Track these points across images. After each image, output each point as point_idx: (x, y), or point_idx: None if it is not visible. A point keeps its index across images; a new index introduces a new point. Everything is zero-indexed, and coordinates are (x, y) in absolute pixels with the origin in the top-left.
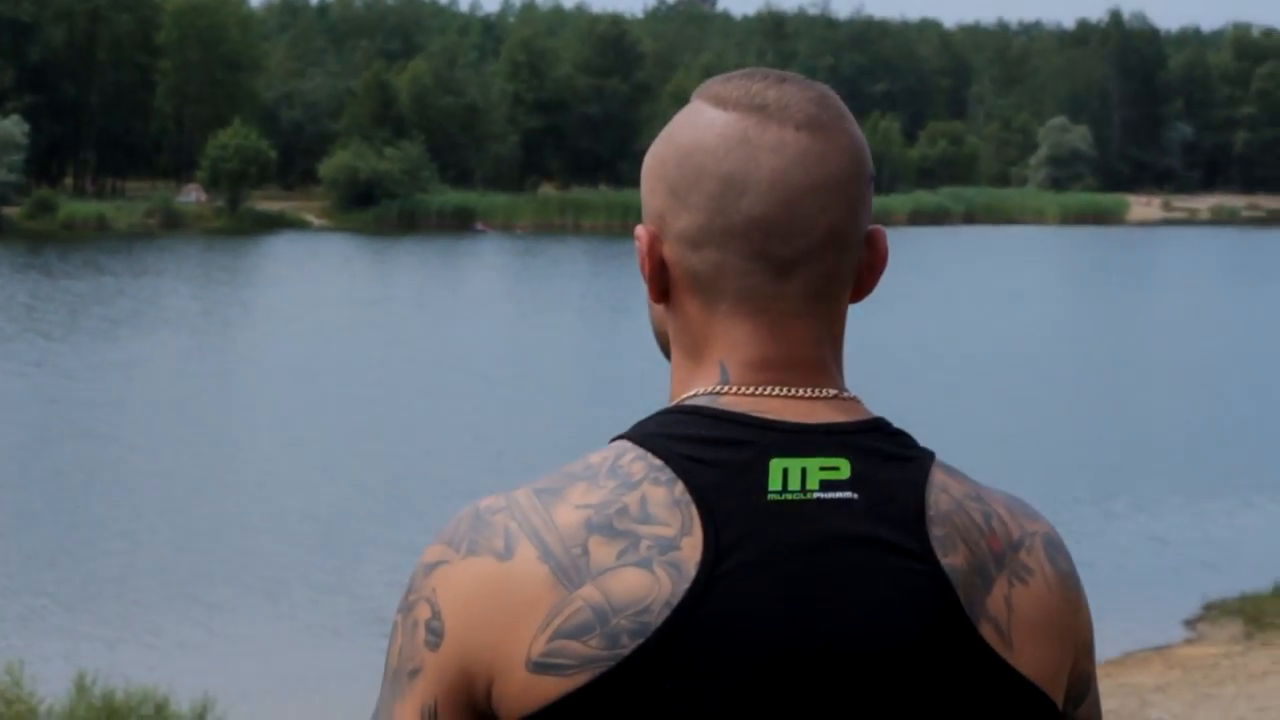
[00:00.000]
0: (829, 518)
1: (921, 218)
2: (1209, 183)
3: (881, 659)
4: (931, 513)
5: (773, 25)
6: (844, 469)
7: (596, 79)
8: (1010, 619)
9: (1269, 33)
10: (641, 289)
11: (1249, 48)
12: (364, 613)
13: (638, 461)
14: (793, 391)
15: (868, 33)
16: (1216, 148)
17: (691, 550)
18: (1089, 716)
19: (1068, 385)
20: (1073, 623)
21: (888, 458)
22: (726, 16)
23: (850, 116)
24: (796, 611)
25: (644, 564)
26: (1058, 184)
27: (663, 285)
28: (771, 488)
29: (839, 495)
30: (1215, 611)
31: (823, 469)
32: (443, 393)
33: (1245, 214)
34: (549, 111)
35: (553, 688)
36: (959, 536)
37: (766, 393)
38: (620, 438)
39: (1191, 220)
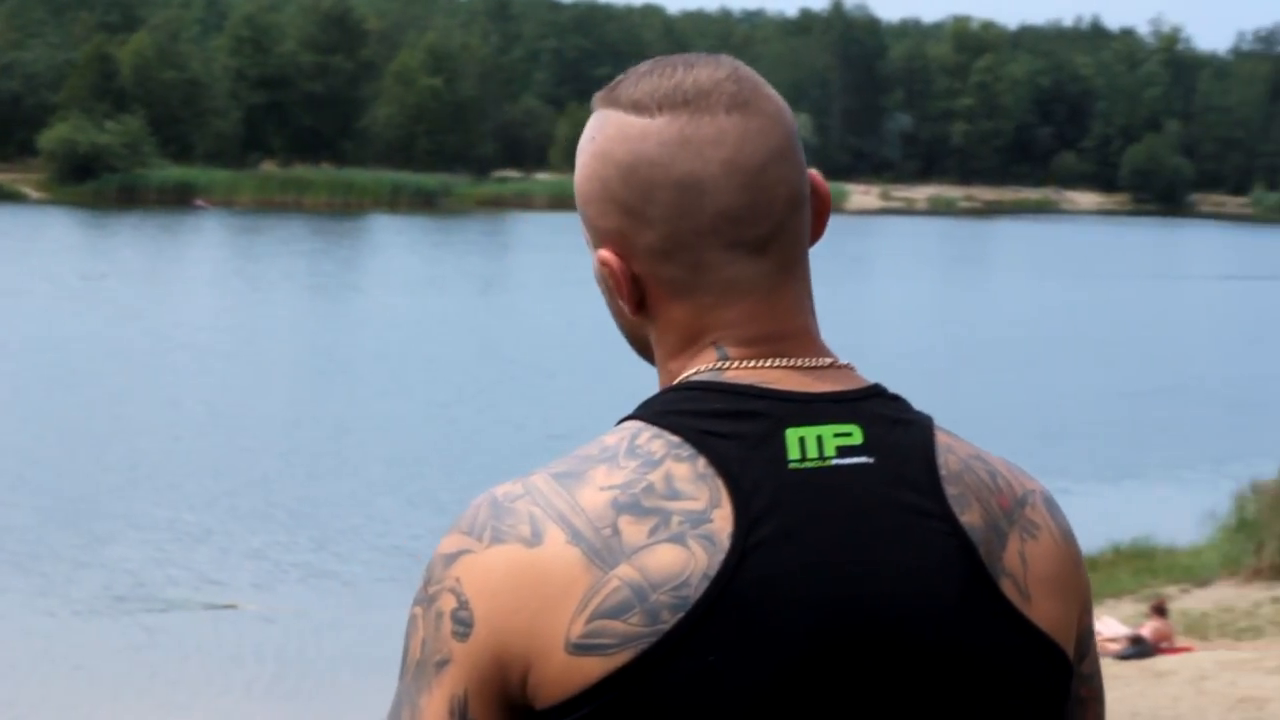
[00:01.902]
0: (850, 483)
1: None
2: (927, 173)
3: (919, 619)
4: (944, 473)
5: (497, 7)
6: (856, 435)
7: (320, 56)
8: (1026, 574)
9: (988, 26)
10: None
11: (968, 40)
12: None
13: (656, 440)
14: (793, 362)
15: (592, 17)
16: (935, 138)
17: (723, 522)
18: (1091, 672)
19: None
20: (1077, 577)
21: (894, 422)
22: None
23: (761, 79)
24: (833, 576)
25: (677, 539)
26: None
27: (638, 299)
28: (791, 456)
29: (856, 461)
30: None
31: (837, 435)
32: (165, 369)
33: (962, 204)
34: (272, 88)
35: (594, 668)
36: (972, 495)
37: (768, 365)
38: (628, 419)
39: (909, 210)
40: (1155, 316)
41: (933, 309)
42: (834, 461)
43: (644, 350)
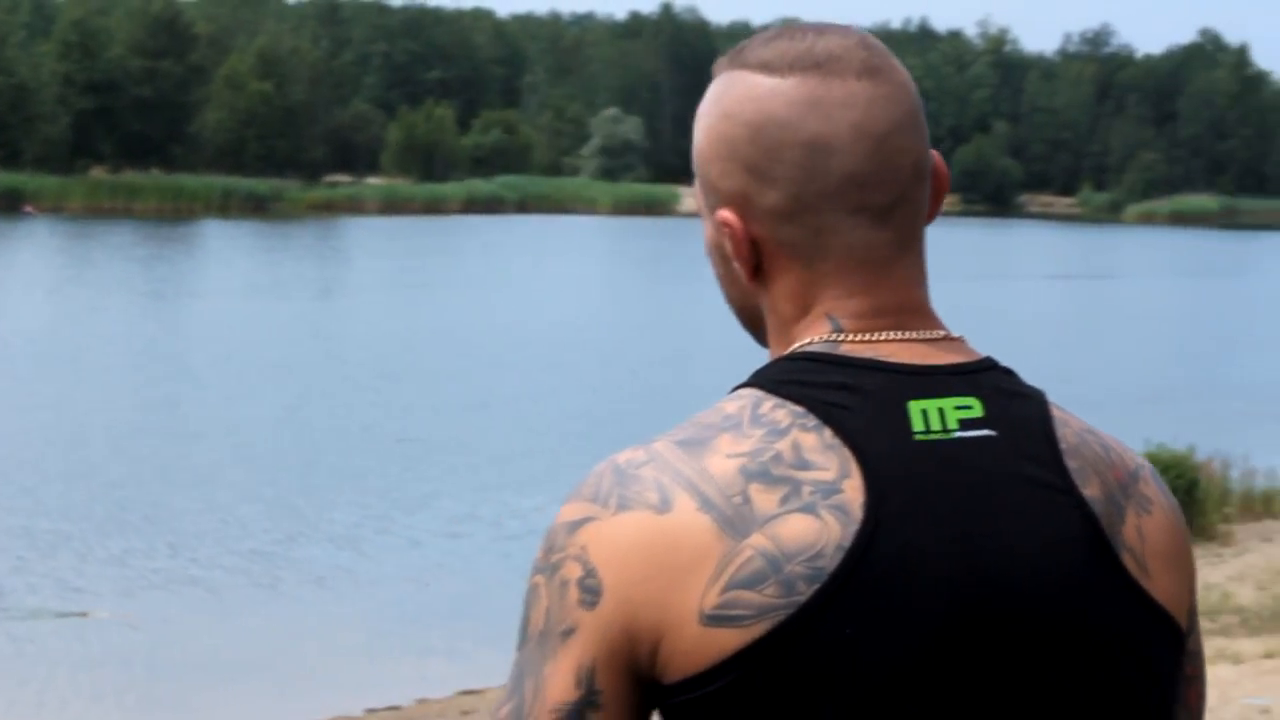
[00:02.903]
0: (974, 456)
1: (476, 206)
2: None
3: (1049, 593)
4: (1063, 446)
5: (327, 11)
6: (977, 408)
7: (149, 61)
8: (1144, 549)
9: None
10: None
11: None
12: None
13: (779, 409)
14: (908, 334)
15: (421, 20)
16: None
17: (854, 493)
18: (1196, 649)
19: (608, 375)
20: (1187, 552)
21: (1011, 395)
22: (280, 0)
23: (889, 51)
24: (965, 549)
25: (809, 509)
26: (610, 174)
27: (755, 263)
28: (915, 428)
29: (979, 434)
30: None
31: (958, 408)
32: (5, 376)
33: None
34: (100, 93)
35: (730, 640)
36: (1091, 469)
37: (884, 338)
38: (743, 386)
39: None
40: (986, 316)
41: None
42: (957, 434)
43: (752, 323)
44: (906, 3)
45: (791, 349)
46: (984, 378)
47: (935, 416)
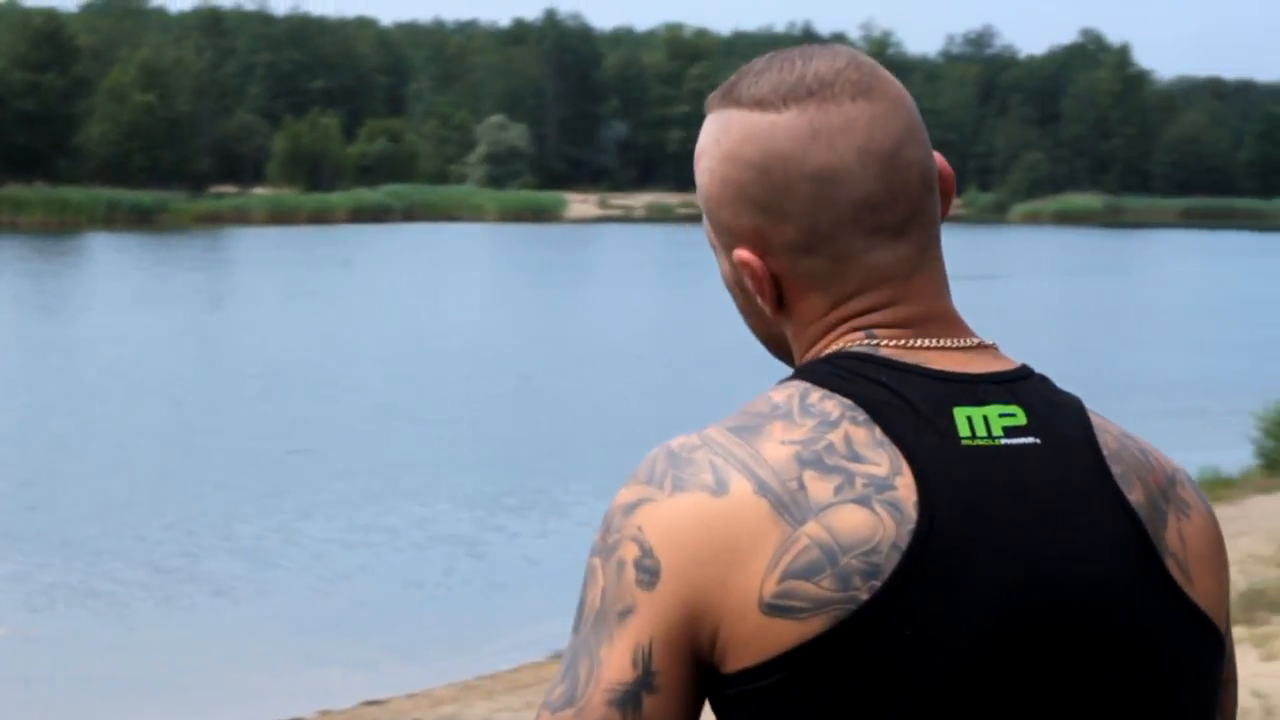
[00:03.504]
0: (1022, 464)
1: (363, 215)
2: (644, 180)
3: (1099, 599)
4: (1105, 452)
5: (211, 21)
6: (1020, 415)
7: (31, 74)
8: (1185, 553)
9: (701, 33)
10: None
11: (682, 48)
12: None
13: (828, 400)
14: (943, 343)
15: (305, 29)
16: (651, 146)
17: (907, 491)
18: (1231, 652)
19: (501, 383)
20: (1224, 556)
21: (1052, 402)
22: (162, 11)
23: (878, 65)
24: (1018, 554)
25: (863, 501)
26: (496, 181)
27: (777, 296)
28: (962, 434)
29: (1024, 441)
30: None
31: (1002, 416)
32: None
33: (679, 210)
34: None
35: (789, 633)
36: (1133, 474)
37: (920, 345)
38: (790, 379)
39: (627, 217)
40: None
41: (659, 315)
42: (1003, 441)
43: (779, 348)
44: (790, 7)
45: (830, 350)
46: (1022, 386)
47: (980, 424)
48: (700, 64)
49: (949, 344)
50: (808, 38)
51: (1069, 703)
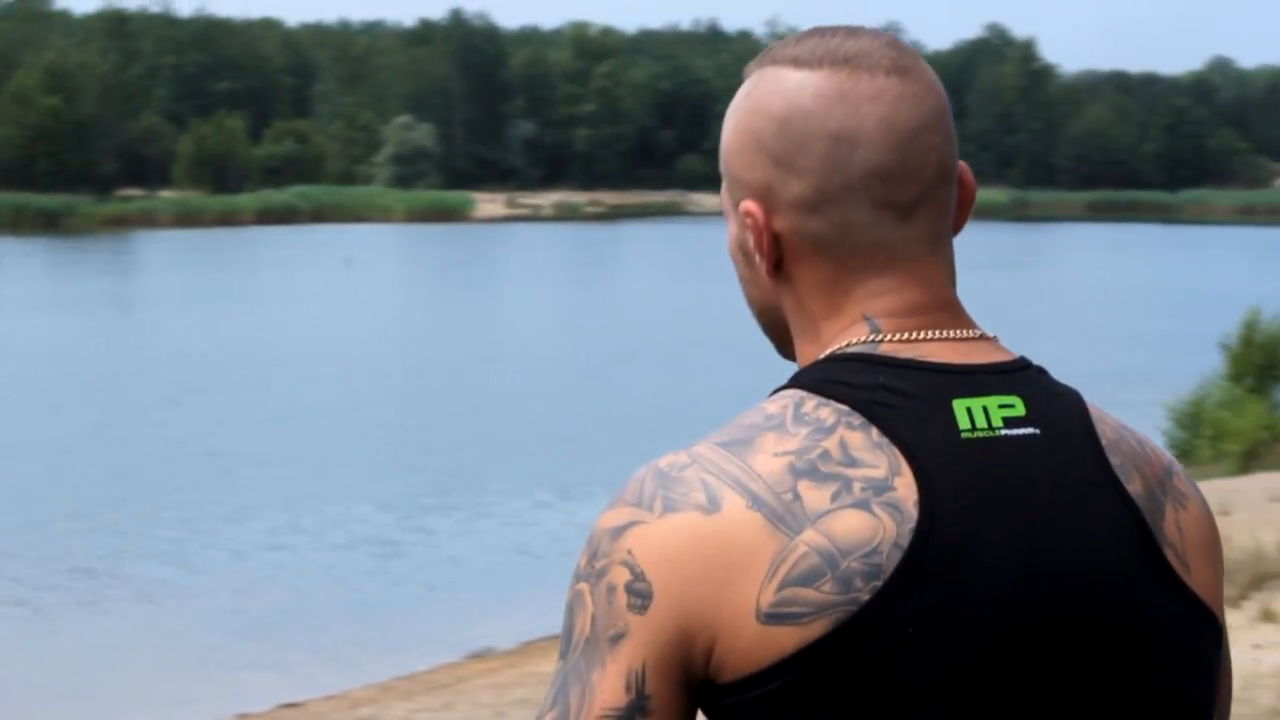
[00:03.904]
0: (1021, 454)
1: (270, 216)
2: (552, 179)
3: (1102, 590)
4: (1104, 443)
5: (115, 23)
6: (1019, 406)
7: None
8: (1184, 544)
9: (608, 31)
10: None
11: (588, 46)
12: None
13: (823, 408)
14: (946, 334)
15: (210, 31)
16: (558, 144)
17: (907, 490)
18: (1226, 643)
19: (415, 384)
20: (1219, 548)
21: (1050, 393)
22: (67, 15)
23: (918, 54)
24: (1020, 547)
25: (861, 505)
26: (403, 182)
27: (776, 258)
28: (962, 426)
29: (1024, 432)
30: None
31: (1001, 407)
32: None
33: (587, 209)
34: None
35: (789, 639)
36: (1131, 464)
37: (923, 337)
38: (785, 388)
39: (535, 216)
40: None
41: (568, 314)
42: (1003, 432)
43: (773, 326)
44: (696, 4)
45: (829, 351)
46: (1021, 376)
47: (980, 415)
48: (606, 62)
49: (951, 335)
50: (713, 35)
51: (1074, 694)
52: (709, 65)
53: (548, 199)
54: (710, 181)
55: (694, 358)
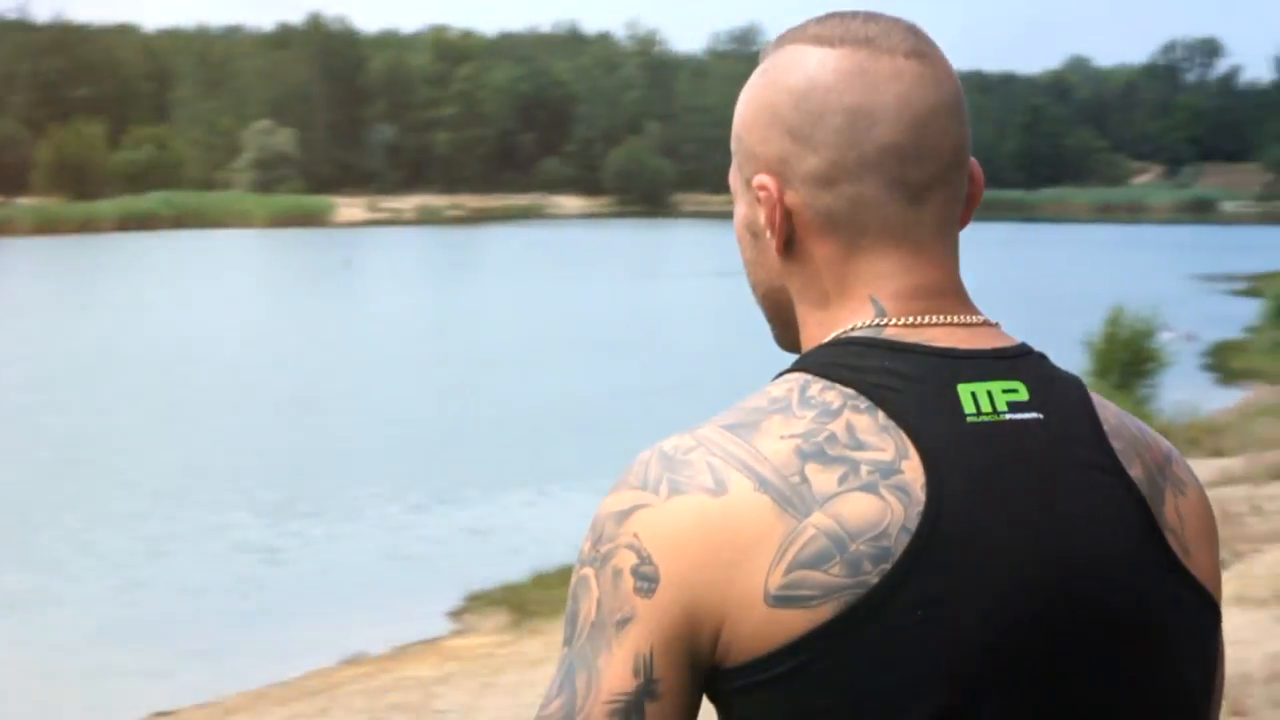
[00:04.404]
0: (1026, 438)
1: (130, 223)
2: (413, 183)
3: (1107, 573)
4: (1106, 428)
5: None
6: (1022, 391)
7: None
8: (1183, 528)
9: (467, 34)
10: None
11: (448, 49)
12: None
13: (829, 391)
14: (950, 319)
15: (67, 37)
16: (419, 148)
17: (914, 474)
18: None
19: (282, 390)
20: (1216, 534)
21: (1052, 379)
22: None
23: (935, 42)
24: (1028, 530)
25: (869, 488)
26: (264, 187)
27: (787, 234)
28: (967, 410)
29: (1028, 416)
30: (479, 602)
31: (1005, 391)
32: None
33: (448, 213)
34: None
35: (798, 621)
36: (1133, 450)
37: (928, 321)
38: (789, 371)
39: (397, 220)
40: (648, 315)
41: (433, 318)
42: (1007, 417)
43: (777, 309)
44: (555, 6)
45: (834, 334)
46: (1023, 362)
47: (985, 399)
48: (467, 65)
49: (955, 320)
50: (574, 37)
51: (1081, 675)
52: (569, 67)
53: (409, 203)
54: (571, 184)
55: (561, 360)
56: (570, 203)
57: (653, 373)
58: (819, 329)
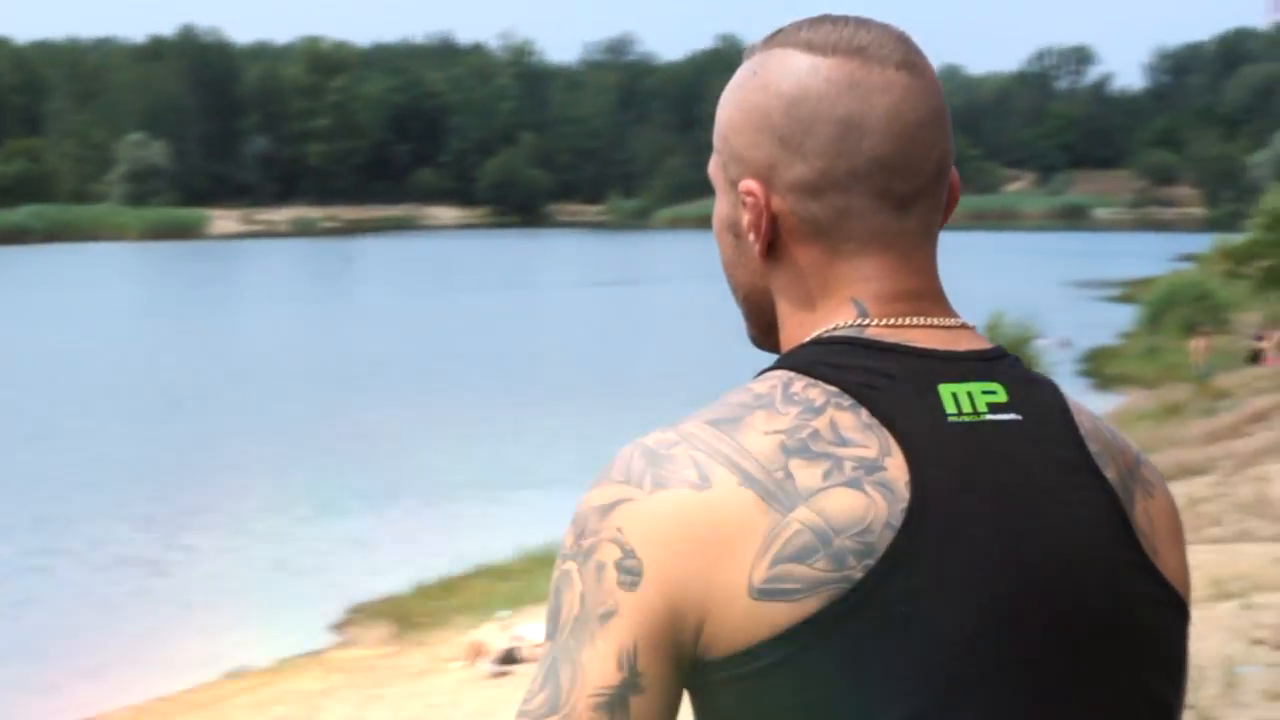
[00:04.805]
0: (1006, 439)
1: (2, 237)
2: (287, 195)
3: (1086, 573)
4: (1082, 431)
5: None
6: (1001, 392)
7: None
8: (1153, 530)
9: (341, 45)
10: None
11: (321, 61)
12: None
13: (812, 388)
14: (931, 321)
15: None
16: (293, 160)
17: (898, 471)
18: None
19: (161, 403)
20: (1183, 535)
21: (1028, 382)
22: None
23: (923, 51)
24: (1009, 528)
25: (853, 484)
26: (138, 199)
27: (769, 240)
28: (948, 410)
29: (1007, 417)
30: (362, 614)
31: (984, 393)
32: None
33: (323, 224)
34: None
35: (782, 615)
36: (1106, 452)
37: (909, 323)
38: (773, 369)
39: (271, 232)
40: (524, 327)
41: (307, 330)
42: (987, 417)
43: (757, 310)
44: (429, 17)
45: (816, 334)
46: (1000, 364)
47: (965, 400)
48: (340, 76)
49: (935, 322)
50: (447, 49)
51: (1060, 673)
52: (443, 78)
53: (283, 215)
54: (445, 195)
55: (439, 371)
56: (445, 213)
57: (529, 384)
58: (799, 329)
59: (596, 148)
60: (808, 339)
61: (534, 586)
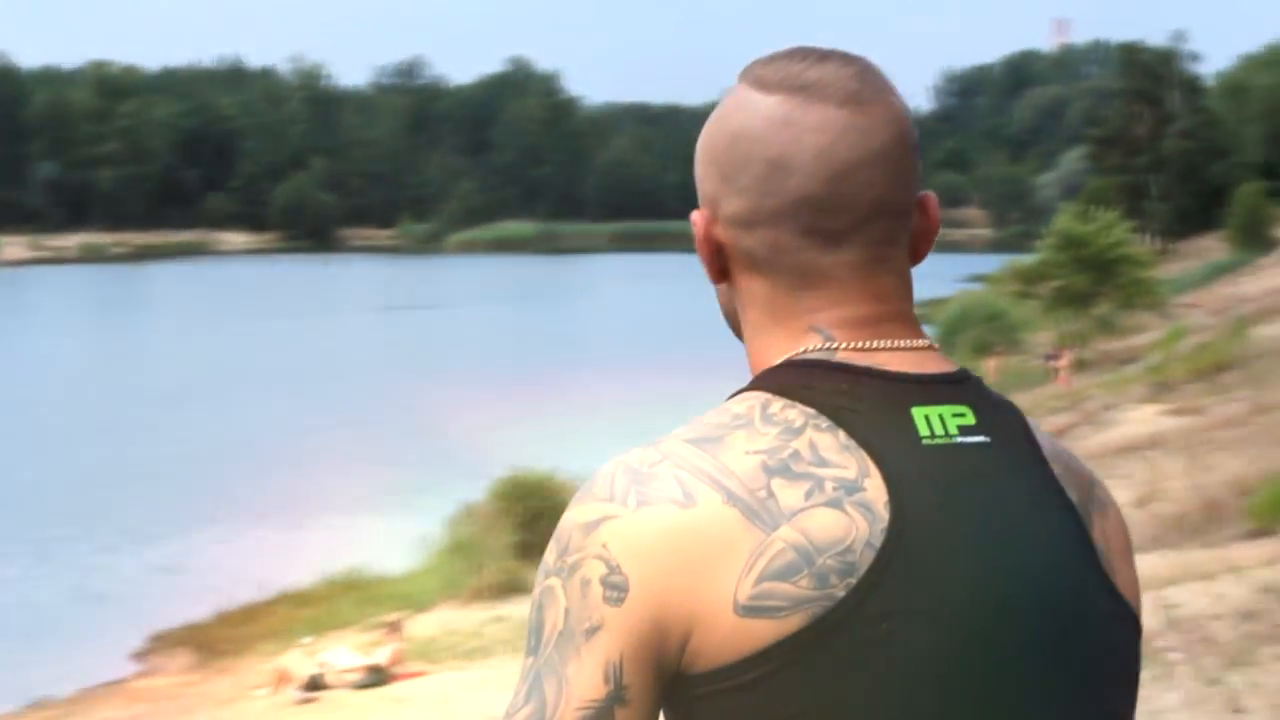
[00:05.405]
0: (977, 461)
1: None
2: (76, 220)
3: (1057, 591)
4: (1045, 453)
5: None
6: (969, 415)
7: None
8: (1109, 548)
9: (130, 70)
10: None
11: (110, 85)
12: None
13: (790, 409)
14: (897, 343)
15: None
16: (82, 185)
17: (877, 492)
18: None
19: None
20: (1132, 551)
21: (994, 404)
22: None
23: (893, 88)
24: (985, 547)
25: (834, 504)
26: None
27: (721, 265)
28: (921, 433)
29: (977, 439)
30: (164, 643)
31: (954, 415)
32: None
33: (113, 250)
34: None
35: (766, 632)
36: (1068, 473)
37: (877, 346)
38: (747, 390)
39: (60, 259)
40: (318, 352)
41: (99, 357)
42: (959, 439)
43: (734, 326)
44: (218, 41)
45: (787, 356)
46: (966, 387)
47: (937, 422)
48: (129, 101)
49: (902, 345)
50: (237, 73)
51: (1033, 689)
52: (233, 102)
53: (72, 241)
54: (236, 219)
55: (234, 398)
56: (236, 239)
57: (326, 409)
58: (765, 352)
59: (388, 172)
60: (779, 361)
61: (336, 612)
